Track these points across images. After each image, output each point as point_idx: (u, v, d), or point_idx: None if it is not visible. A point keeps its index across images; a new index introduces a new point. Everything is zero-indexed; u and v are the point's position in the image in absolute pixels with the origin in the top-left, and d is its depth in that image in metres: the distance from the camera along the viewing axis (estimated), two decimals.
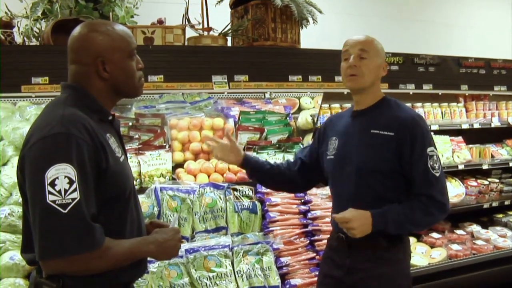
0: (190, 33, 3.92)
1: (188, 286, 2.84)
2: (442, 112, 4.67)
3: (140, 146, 3.29)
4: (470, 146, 4.64)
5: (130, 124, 3.44)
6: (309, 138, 3.85)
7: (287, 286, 3.06)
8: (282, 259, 3.15)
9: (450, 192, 4.20)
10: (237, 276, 2.96)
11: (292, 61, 3.99)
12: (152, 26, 3.71)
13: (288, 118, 3.86)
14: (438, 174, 2.22)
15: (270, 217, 3.25)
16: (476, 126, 4.51)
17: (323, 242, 3.23)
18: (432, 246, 4.03)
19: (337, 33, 5.40)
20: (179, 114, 3.62)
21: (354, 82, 2.28)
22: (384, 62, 2.34)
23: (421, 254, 3.85)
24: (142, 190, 3.14)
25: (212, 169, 3.37)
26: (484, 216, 4.68)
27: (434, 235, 4.13)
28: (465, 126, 4.45)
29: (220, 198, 3.20)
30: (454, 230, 4.31)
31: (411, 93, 4.48)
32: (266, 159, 3.43)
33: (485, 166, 4.46)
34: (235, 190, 3.28)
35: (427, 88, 4.54)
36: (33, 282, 1.70)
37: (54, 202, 1.50)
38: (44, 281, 1.63)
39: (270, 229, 3.24)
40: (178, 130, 3.52)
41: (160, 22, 3.83)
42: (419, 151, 2.21)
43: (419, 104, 4.56)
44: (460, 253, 3.95)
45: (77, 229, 1.52)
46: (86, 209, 1.54)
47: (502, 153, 4.79)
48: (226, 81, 3.77)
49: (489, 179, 4.54)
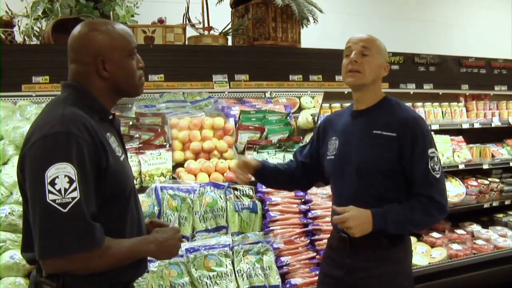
0: (190, 32, 3.92)
1: (188, 285, 2.84)
2: (442, 111, 4.66)
3: (140, 145, 3.29)
4: (471, 145, 4.63)
5: (131, 123, 3.44)
6: (309, 137, 3.84)
7: (288, 286, 3.06)
8: (283, 259, 3.15)
9: (451, 191, 4.20)
10: (237, 275, 2.96)
11: (292, 60, 3.99)
12: (152, 26, 3.71)
13: (288, 117, 3.86)
14: (438, 176, 2.22)
15: (271, 216, 3.25)
16: (476, 125, 4.51)
17: (324, 241, 3.23)
18: (432, 245, 4.03)
19: (337, 32, 5.40)
20: (180, 114, 3.62)
21: (354, 78, 2.27)
22: (386, 62, 2.33)
23: (421, 254, 3.85)
24: (142, 189, 3.14)
25: (212, 168, 3.37)
26: (484, 215, 4.67)
27: (435, 235, 4.13)
28: (465, 126, 4.44)
29: (220, 197, 3.20)
30: (455, 230, 4.31)
31: (412, 92, 4.48)
32: (267, 159, 3.44)
33: (485, 166, 4.45)
34: (236, 189, 3.28)
35: (428, 87, 4.53)
36: (33, 281, 1.70)
37: (54, 201, 1.50)
38: (44, 280, 1.63)
39: (271, 228, 3.24)
40: (178, 130, 3.52)
41: (160, 21, 3.83)
42: (420, 152, 2.20)
43: (420, 103, 4.55)
44: (460, 252, 3.94)
45: (77, 228, 1.52)
46: (86, 208, 1.54)
47: (503, 152, 4.78)
48: (226, 80, 3.77)
49: (489, 179, 4.54)
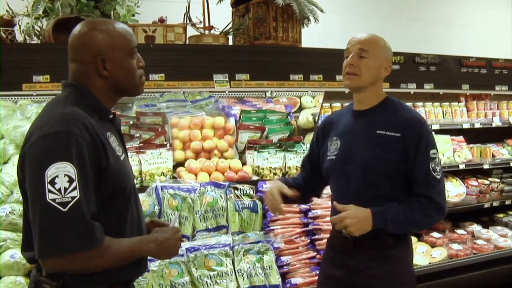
0: (191, 31, 3.92)
1: (188, 285, 2.84)
2: (443, 111, 4.66)
3: (141, 144, 3.28)
4: (471, 145, 4.64)
5: (131, 122, 3.44)
6: (310, 137, 3.85)
7: (288, 285, 3.06)
8: (283, 258, 3.15)
9: (451, 191, 4.20)
10: (237, 275, 2.96)
11: (293, 60, 3.98)
12: (153, 25, 3.71)
13: (289, 117, 3.87)
14: (439, 177, 2.23)
15: (271, 216, 3.25)
16: (477, 125, 4.51)
17: (324, 241, 3.23)
18: (432, 245, 4.03)
19: (338, 32, 5.41)
20: (180, 113, 3.62)
21: (351, 81, 2.27)
22: (387, 62, 2.29)
23: (421, 254, 3.85)
24: (143, 188, 3.14)
25: (213, 168, 3.37)
26: (484, 215, 4.68)
27: (435, 235, 4.13)
28: (466, 126, 4.44)
29: (221, 197, 3.20)
30: (455, 230, 4.31)
31: (412, 92, 4.47)
32: (267, 159, 3.44)
33: (486, 166, 4.45)
34: (236, 189, 3.28)
35: (428, 87, 4.53)
36: (33, 280, 1.70)
37: (54, 200, 1.50)
38: (44, 279, 1.63)
39: (271, 228, 3.24)
40: (179, 129, 3.52)
41: (161, 20, 3.83)
42: (423, 153, 2.21)
43: (420, 103, 4.55)
44: (460, 252, 3.94)
45: (76, 227, 1.52)
46: (86, 207, 1.54)
47: (503, 152, 4.78)
48: (227, 80, 3.76)
49: (490, 179, 4.54)
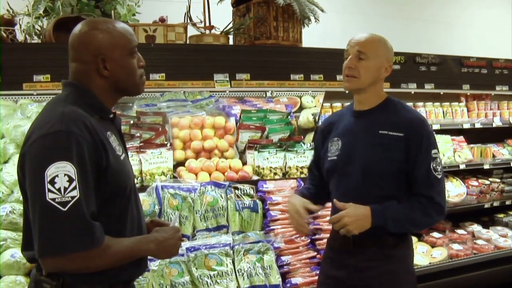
0: (192, 31, 3.91)
1: (189, 284, 2.84)
2: (443, 111, 4.66)
3: (141, 144, 3.28)
4: (472, 145, 4.64)
5: (132, 122, 3.44)
6: (310, 137, 3.85)
7: (288, 285, 3.06)
8: (283, 258, 3.15)
9: (452, 191, 4.20)
10: (238, 274, 2.96)
11: (293, 60, 3.98)
12: (154, 24, 3.71)
13: (289, 117, 3.86)
14: (439, 177, 2.23)
15: (271, 215, 3.25)
16: (477, 125, 4.51)
17: (324, 241, 3.22)
18: (433, 245, 4.03)
19: (338, 32, 5.41)
20: (181, 113, 3.61)
21: (350, 83, 2.28)
22: (387, 62, 2.28)
23: (422, 254, 3.85)
24: (143, 188, 3.13)
25: (213, 167, 3.37)
26: (485, 216, 4.68)
27: (435, 235, 4.13)
28: (466, 126, 4.44)
29: (221, 196, 3.20)
30: (455, 230, 4.31)
31: (413, 92, 4.47)
32: (267, 158, 3.44)
33: (486, 166, 4.45)
34: (236, 188, 3.28)
35: (429, 87, 4.53)
36: (33, 279, 1.71)
37: (53, 200, 1.50)
38: (44, 278, 1.63)
39: (271, 227, 3.24)
40: (179, 129, 3.52)
41: (162, 20, 3.83)
42: (425, 152, 2.21)
43: (421, 103, 4.55)
44: (461, 252, 3.94)
45: (76, 227, 1.52)
46: (86, 207, 1.54)
47: (504, 153, 4.78)
48: (227, 79, 3.76)
49: (490, 179, 4.54)
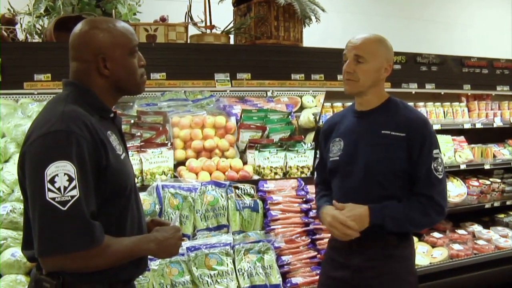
0: (192, 30, 3.91)
1: (189, 284, 2.84)
2: (444, 111, 4.66)
3: (142, 143, 3.28)
4: (472, 146, 4.63)
5: (132, 121, 3.44)
6: (311, 137, 3.84)
7: (288, 285, 3.06)
8: (283, 258, 3.15)
9: (452, 191, 4.20)
10: (238, 274, 2.96)
11: (294, 59, 3.98)
12: (154, 24, 3.71)
13: (290, 116, 3.86)
14: (440, 177, 2.23)
15: (272, 215, 3.25)
16: (478, 126, 4.51)
17: (325, 241, 3.23)
18: (433, 245, 4.03)
19: (339, 32, 5.41)
20: (181, 112, 3.61)
21: (350, 87, 2.28)
22: (387, 62, 2.28)
23: (422, 254, 3.84)
24: (143, 187, 3.14)
25: (213, 167, 3.37)
26: (485, 216, 4.68)
27: (436, 235, 4.13)
28: (467, 126, 4.44)
29: (221, 196, 3.20)
30: (456, 230, 4.31)
31: (414, 92, 4.46)
32: (268, 158, 3.44)
33: (487, 166, 4.45)
34: (237, 188, 3.28)
35: (430, 87, 4.52)
36: (33, 278, 1.71)
37: (53, 199, 1.50)
38: (44, 278, 1.63)
39: (272, 227, 3.24)
40: (180, 128, 3.52)
41: (162, 19, 3.83)
42: (426, 152, 2.22)
43: (422, 103, 4.55)
44: (461, 253, 3.94)
45: (76, 226, 1.52)
46: (86, 206, 1.54)
47: (504, 153, 4.78)
48: (228, 79, 3.76)
49: (491, 179, 4.54)
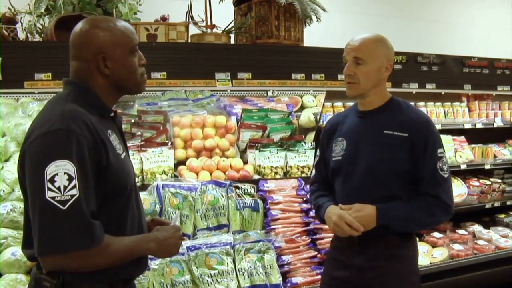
0: (193, 30, 3.92)
1: (189, 283, 2.84)
2: (444, 111, 4.65)
3: (142, 143, 3.28)
4: (473, 146, 4.63)
5: (133, 121, 3.44)
6: (311, 136, 3.84)
7: (288, 284, 3.06)
8: (284, 257, 3.15)
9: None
10: (238, 274, 2.96)
11: (295, 59, 3.98)
12: (155, 23, 3.71)
13: (290, 116, 3.86)
14: (446, 176, 2.23)
15: (272, 215, 3.25)
16: (478, 126, 4.50)
17: (325, 240, 3.23)
18: (433, 245, 4.03)
19: (340, 31, 5.41)
20: (182, 112, 3.61)
21: (351, 90, 2.28)
22: (387, 62, 2.28)
23: (422, 254, 3.84)
24: (144, 187, 3.14)
25: (214, 166, 3.37)
26: (486, 216, 4.67)
27: (436, 235, 4.13)
28: (467, 126, 4.44)
29: (222, 195, 3.20)
30: (456, 230, 4.31)
31: (414, 92, 4.46)
32: (268, 157, 3.44)
33: (487, 166, 4.45)
34: (237, 188, 3.28)
35: (430, 87, 4.52)
36: (33, 278, 1.70)
37: (53, 198, 1.50)
38: (44, 277, 1.63)
39: (272, 227, 3.23)
40: (180, 128, 3.52)
41: (163, 19, 3.83)
42: (430, 152, 2.21)
43: (422, 103, 4.55)
44: (461, 253, 3.94)
45: (76, 225, 1.52)
46: (86, 206, 1.54)
47: (505, 153, 4.78)
48: (229, 78, 3.76)
49: (491, 179, 4.54)
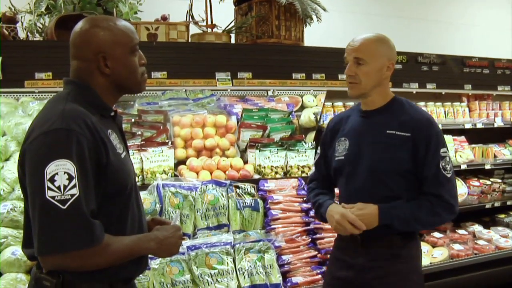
0: (193, 29, 3.92)
1: (189, 283, 2.84)
2: (445, 111, 4.65)
3: (142, 142, 3.28)
4: (473, 146, 4.63)
5: (133, 120, 3.44)
6: (311, 136, 3.84)
7: (289, 284, 3.06)
8: (284, 257, 3.15)
9: None
10: (238, 273, 2.96)
11: (295, 58, 3.98)
12: (155, 23, 3.71)
13: (290, 116, 3.86)
14: (449, 175, 2.22)
15: (272, 215, 3.25)
16: (479, 126, 4.50)
17: (325, 240, 3.23)
18: (434, 245, 4.03)
19: (340, 31, 5.40)
20: (182, 111, 3.61)
21: (353, 90, 2.28)
22: (388, 61, 2.27)
23: (422, 254, 3.82)
24: (144, 186, 3.14)
25: (214, 166, 3.37)
26: (486, 216, 4.67)
27: (436, 235, 4.13)
28: (468, 126, 4.44)
29: (222, 195, 3.20)
30: (456, 230, 4.31)
31: (415, 92, 4.46)
32: (268, 157, 3.44)
33: (487, 166, 4.45)
34: (237, 187, 3.28)
35: (431, 87, 4.52)
36: (33, 277, 1.70)
37: (53, 198, 1.50)
38: (44, 276, 1.62)
39: (272, 227, 3.23)
40: (180, 127, 3.52)
41: (164, 18, 3.83)
42: (433, 152, 2.21)
43: (422, 103, 4.54)
44: (461, 253, 3.94)
45: (76, 225, 1.52)
46: (86, 205, 1.54)
47: (505, 153, 4.77)
48: (229, 78, 3.76)
49: (491, 179, 4.54)
